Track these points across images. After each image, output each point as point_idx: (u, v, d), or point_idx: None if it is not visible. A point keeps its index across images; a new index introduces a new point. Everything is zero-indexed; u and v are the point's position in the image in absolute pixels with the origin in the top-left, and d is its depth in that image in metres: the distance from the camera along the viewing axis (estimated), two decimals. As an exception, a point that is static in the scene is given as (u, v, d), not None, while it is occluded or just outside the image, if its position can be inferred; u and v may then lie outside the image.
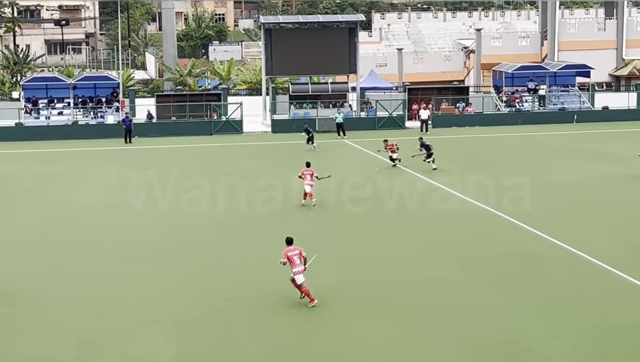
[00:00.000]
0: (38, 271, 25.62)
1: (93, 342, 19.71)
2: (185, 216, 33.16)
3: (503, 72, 70.34)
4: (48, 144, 55.85)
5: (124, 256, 27.38)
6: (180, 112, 64.06)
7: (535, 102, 69.12)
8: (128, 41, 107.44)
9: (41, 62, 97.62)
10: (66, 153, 51.60)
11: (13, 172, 44.93)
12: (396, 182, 40.19)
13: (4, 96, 74.53)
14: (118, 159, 49.82)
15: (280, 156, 50.42)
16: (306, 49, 64.34)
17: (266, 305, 22.22)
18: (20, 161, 49.24)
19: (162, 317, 21.38)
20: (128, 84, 76.86)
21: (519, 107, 68.22)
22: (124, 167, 45.80)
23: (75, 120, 63.46)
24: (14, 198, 37.66)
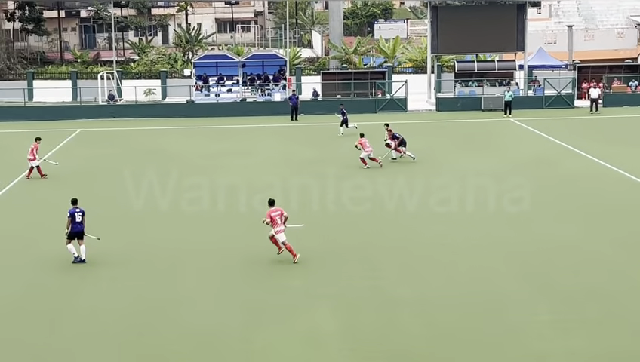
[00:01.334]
0: (202, 244, 26.32)
1: (259, 314, 20.11)
2: (346, 194, 33.33)
3: (679, 50, 67.18)
4: (217, 120, 57.18)
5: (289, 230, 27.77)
6: (344, 90, 64.42)
7: None
8: (295, 19, 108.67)
9: (211, 40, 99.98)
10: (234, 130, 52.75)
11: (183, 148, 46.23)
12: (565, 163, 39.24)
13: (176, 74, 76.80)
14: (285, 136, 50.54)
15: (445, 135, 49.93)
16: (473, 26, 63.41)
17: (433, 284, 22.14)
18: (191, 136, 50.63)
19: (327, 292, 21.60)
20: (295, 62, 77.80)
21: (696, 86, 65.14)
22: (290, 144, 46.47)
23: (244, 97, 64.79)
24: (185, 173, 38.68)
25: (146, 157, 42.99)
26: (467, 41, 63.98)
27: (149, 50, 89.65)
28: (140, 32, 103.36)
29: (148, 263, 24.42)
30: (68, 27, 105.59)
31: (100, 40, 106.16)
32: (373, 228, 28.05)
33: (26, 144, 39.22)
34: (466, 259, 24.31)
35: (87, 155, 43.80)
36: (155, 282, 22.69)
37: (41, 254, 25.29)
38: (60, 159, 40.81)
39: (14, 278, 23.27)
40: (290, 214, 24.95)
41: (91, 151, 45.39)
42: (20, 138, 48.33)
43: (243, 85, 65.94)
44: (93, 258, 24.45)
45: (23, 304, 21.10)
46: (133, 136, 50.93)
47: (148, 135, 51.35)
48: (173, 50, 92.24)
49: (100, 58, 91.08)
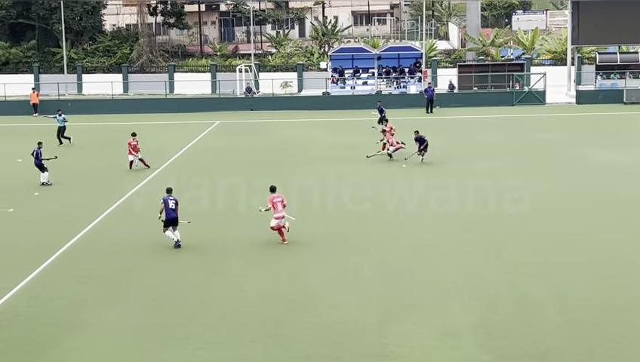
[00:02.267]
0: (329, 233, 26.43)
1: (393, 308, 20.06)
2: (473, 190, 32.92)
3: None
4: (352, 113, 57.32)
5: (422, 224, 27.61)
6: (481, 83, 63.68)
7: None
8: (432, 11, 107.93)
9: (347, 33, 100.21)
10: (368, 122, 52.74)
11: (318, 138, 46.54)
12: None
13: (312, 67, 77.41)
14: (419, 129, 50.21)
15: (584, 129, 48.74)
16: (616, 17, 61.64)
17: (570, 280, 21.64)
18: (326, 128, 50.92)
19: (462, 287, 21.37)
20: (431, 55, 77.28)
21: None
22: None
23: (379, 90, 64.78)
24: (299, 164, 38.91)
25: (284, 148, 43.49)
26: (610, 33, 62.26)
27: (286, 43, 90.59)
28: (277, 25, 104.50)
29: (283, 256, 24.69)
30: (208, 21, 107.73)
31: (239, 33, 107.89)
32: (510, 222, 27.58)
33: (167, 135, 40.27)
34: (606, 257, 23.64)
35: (225, 146, 44.60)
36: (290, 274, 22.90)
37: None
38: (199, 150, 41.72)
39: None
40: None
41: (229, 141, 46.21)
42: (161, 129, 49.70)
43: (378, 78, 65.95)
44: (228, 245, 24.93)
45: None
46: (271, 128, 51.57)
47: (284, 127, 51.90)
48: (309, 43, 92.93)
49: (239, 51, 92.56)
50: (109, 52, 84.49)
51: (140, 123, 54.87)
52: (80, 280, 22.32)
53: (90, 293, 21.27)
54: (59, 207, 31.23)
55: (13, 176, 37.33)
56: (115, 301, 20.67)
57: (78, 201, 32.18)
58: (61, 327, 18.98)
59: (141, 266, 23.69)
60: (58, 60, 79.58)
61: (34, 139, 37.65)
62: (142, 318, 19.59)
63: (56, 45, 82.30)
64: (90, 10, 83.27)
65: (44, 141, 37.35)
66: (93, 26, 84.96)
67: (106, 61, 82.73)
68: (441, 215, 28.70)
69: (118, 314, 19.75)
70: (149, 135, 49.08)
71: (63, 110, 48.31)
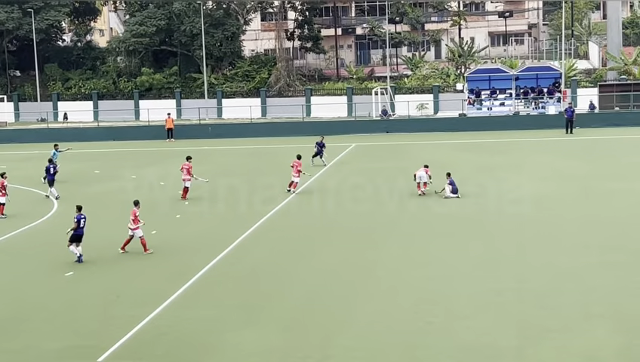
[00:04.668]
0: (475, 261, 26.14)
1: (533, 332, 19.64)
2: (619, 210, 31.98)
3: None
4: (489, 134, 56.70)
5: (563, 247, 27.02)
6: (623, 102, 62.09)
7: None
8: (571, 30, 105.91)
9: (484, 54, 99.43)
10: (505, 143, 52.09)
11: (454, 160, 46.20)
12: None
13: (448, 88, 77.01)
14: (558, 150, 49.32)
15: None
16: None
17: None
18: (462, 150, 50.52)
19: (605, 310, 20.76)
20: (570, 75, 75.80)
21: None
22: (563, 158, 45.31)
23: (517, 110, 63.91)
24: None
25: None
26: None
27: (422, 65, 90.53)
28: (413, 47, 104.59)
29: (426, 279, 24.56)
30: (344, 44, 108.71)
31: (375, 56, 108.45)
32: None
33: (306, 157, 40.64)
34: None
35: (362, 168, 44.78)
36: (428, 294, 22.75)
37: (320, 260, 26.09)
38: (336, 172, 42.02)
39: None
40: (551, 227, 24.01)
41: (366, 164, 46.37)
42: (298, 151, 50.33)
43: (516, 98, 65.06)
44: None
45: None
46: (408, 150, 51.50)
47: (421, 149, 51.74)
48: (445, 64, 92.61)
49: (375, 74, 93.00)
50: (247, 77, 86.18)
51: (278, 146, 55.80)
52: (219, 303, 22.72)
53: (229, 315, 21.61)
54: (201, 229, 31.95)
55: (157, 198, 38.42)
56: (253, 323, 20.94)
57: (217, 224, 32.84)
58: (201, 348, 19.35)
59: (278, 288, 23.94)
60: (199, 85, 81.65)
61: (170, 163, 38.57)
62: (280, 339, 19.76)
63: (197, 71, 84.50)
64: (229, 36, 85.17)
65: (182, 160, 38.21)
66: (233, 52, 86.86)
67: (244, 85, 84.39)
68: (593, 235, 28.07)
69: (256, 336, 19.99)
70: (285, 156, 49.88)
71: (202, 134, 49.34)
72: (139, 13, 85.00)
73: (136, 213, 27.74)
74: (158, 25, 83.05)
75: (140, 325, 20.82)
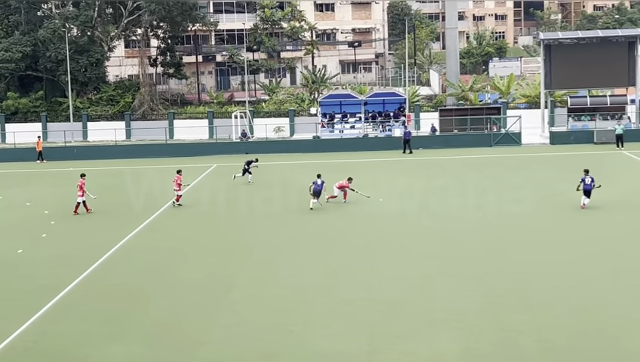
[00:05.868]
0: (331, 272, 26.38)
1: (383, 338, 19.98)
2: (461, 223, 32.96)
3: None
4: (341, 155, 57.46)
5: (410, 258, 27.59)
6: (461, 125, 63.96)
7: None
8: (414, 59, 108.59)
9: (335, 80, 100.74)
10: (355, 163, 52.80)
11: (310, 179, 46.56)
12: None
13: (303, 112, 77.68)
14: (402, 169, 50.40)
15: (557, 167, 48.92)
16: (585, 63, 62.25)
17: (550, 312, 21.60)
18: (317, 170, 50.90)
19: (447, 317, 21.32)
20: (414, 100, 77.63)
21: None
22: (407, 176, 46.37)
23: (366, 133, 65.01)
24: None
25: (275, 189, 43.59)
26: (579, 77, 62.80)
27: (279, 90, 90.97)
28: (270, 74, 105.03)
29: (286, 288, 24.60)
30: (205, 70, 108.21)
31: (234, 82, 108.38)
32: (488, 256, 27.59)
33: (167, 178, 40.28)
34: (579, 282, 23.65)
35: (222, 188, 44.62)
36: (289, 304, 22.81)
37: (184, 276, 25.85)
38: (198, 191, 41.75)
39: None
40: (396, 242, 24.56)
41: (228, 184, 46.25)
42: (162, 172, 49.69)
43: (365, 122, 66.22)
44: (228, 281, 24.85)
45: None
46: (265, 170, 51.63)
47: (278, 168, 51.96)
48: (300, 90, 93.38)
49: (234, 98, 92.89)
50: (112, 101, 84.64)
51: (142, 167, 55.01)
52: (86, 317, 22.19)
53: (96, 330, 21.14)
54: (67, 246, 31.13)
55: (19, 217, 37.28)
56: (119, 337, 20.54)
57: (85, 241, 32.09)
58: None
59: (144, 302, 23.57)
60: (64, 109, 79.69)
61: (40, 184, 37.57)
62: (144, 353, 19.48)
63: (62, 95, 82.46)
64: (94, 62, 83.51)
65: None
66: (98, 77, 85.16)
67: (109, 109, 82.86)
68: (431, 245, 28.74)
69: (122, 350, 19.62)
70: (151, 178, 49.23)
71: (69, 156, 48.26)
72: (4, 39, 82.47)
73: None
74: (23, 51, 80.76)
75: (6, 341, 20.14)
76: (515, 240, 29.78)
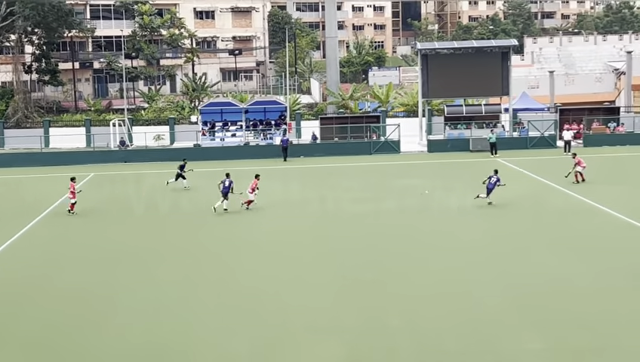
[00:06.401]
0: (210, 280, 26.28)
1: (265, 348, 19.99)
2: (340, 231, 33.35)
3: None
4: (222, 163, 57.21)
5: (288, 264, 27.74)
6: (341, 133, 64.69)
7: (687, 121, 66.24)
8: (295, 68, 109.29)
9: (216, 88, 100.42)
10: (237, 171, 52.65)
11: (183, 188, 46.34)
12: (547, 198, 39.30)
13: (183, 120, 77.08)
14: (283, 176, 50.61)
15: (436, 174, 50.02)
16: (461, 73, 63.82)
17: (424, 312, 22.05)
18: (197, 179, 50.65)
19: (328, 325, 21.50)
20: (295, 108, 78.10)
21: (671, 126, 65.52)
22: (287, 183, 46.63)
23: (247, 141, 65.00)
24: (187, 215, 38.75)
25: (157, 197, 43.09)
26: (456, 87, 64.33)
27: (158, 98, 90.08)
28: (149, 81, 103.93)
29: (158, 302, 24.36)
30: (82, 78, 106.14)
31: (112, 89, 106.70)
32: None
33: (42, 187, 39.32)
34: (458, 288, 24.24)
35: (100, 198, 43.81)
36: (164, 318, 22.61)
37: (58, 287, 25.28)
38: (84, 199, 40.93)
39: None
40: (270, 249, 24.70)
41: (103, 193, 45.47)
42: (37, 181, 48.44)
43: (246, 130, 66.20)
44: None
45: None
46: (145, 178, 51.04)
47: (158, 177, 51.36)
48: (180, 98, 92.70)
49: (112, 106, 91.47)
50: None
51: (16, 176, 53.49)
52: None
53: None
54: None
55: None
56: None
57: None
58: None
59: (18, 313, 22.94)
60: None
61: None
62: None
63: None
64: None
65: None
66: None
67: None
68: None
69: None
70: (27, 187, 47.92)
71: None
72: None
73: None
74: None
75: None
76: (394, 248, 30.25)
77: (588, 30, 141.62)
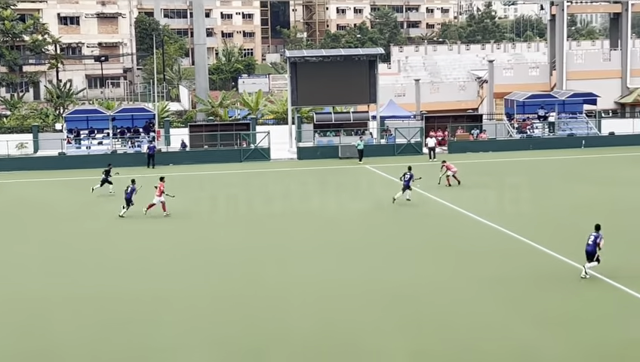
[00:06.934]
0: (69, 289, 25.81)
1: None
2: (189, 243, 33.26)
3: (514, 101, 70.32)
4: (88, 172, 56.02)
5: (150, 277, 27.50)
6: (211, 141, 64.42)
7: (545, 128, 69.02)
8: (163, 75, 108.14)
9: (82, 95, 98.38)
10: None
11: (54, 199, 45.27)
12: (413, 203, 40.23)
13: (48, 128, 75.14)
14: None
15: (306, 181, 50.44)
16: (329, 81, 64.53)
17: (296, 316, 22.22)
18: (62, 188, 49.57)
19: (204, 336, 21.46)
20: (163, 116, 77.25)
21: (530, 133, 68.14)
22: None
23: (114, 149, 63.90)
24: (48, 223, 37.90)
25: (15, 209, 41.90)
26: (324, 94, 65.01)
27: (21, 105, 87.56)
28: (11, 88, 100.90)
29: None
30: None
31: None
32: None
33: None
34: (302, 294, 24.55)
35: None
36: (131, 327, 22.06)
37: None
38: None
39: None
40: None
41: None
42: None
43: (114, 138, 65.08)
44: None
45: None
46: (5, 189, 49.53)
47: (19, 187, 49.99)
48: (44, 105, 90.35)
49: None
50: None
51: None
52: None
53: None
54: None
55: None
56: None
57: None
58: None
59: None
60: None
61: None
62: None
63: None
64: None
65: None
66: None
67: None
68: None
69: None
70: None
71: None
72: None
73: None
74: None
75: None
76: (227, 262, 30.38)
77: (452, 39, 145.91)
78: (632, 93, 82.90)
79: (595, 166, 54.58)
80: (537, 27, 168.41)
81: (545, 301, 23.53)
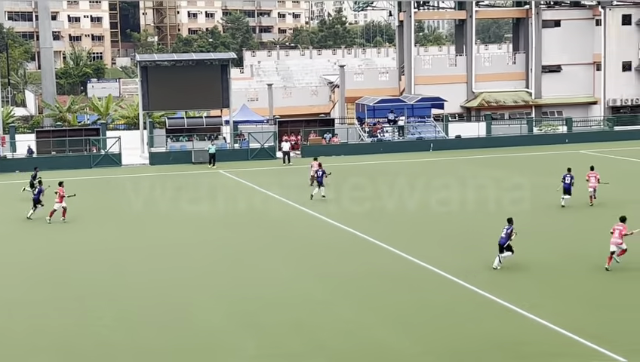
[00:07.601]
0: None
1: None
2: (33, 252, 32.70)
3: (365, 105, 71.86)
4: None
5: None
6: (59, 147, 62.89)
7: (395, 132, 70.79)
8: (8, 79, 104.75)
9: None
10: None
11: None
12: (267, 207, 40.61)
13: None
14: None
15: (157, 188, 50.07)
16: (181, 85, 64.19)
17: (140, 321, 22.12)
18: None
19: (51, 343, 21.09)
20: (8, 121, 74.88)
21: (381, 137, 69.75)
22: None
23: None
24: None
25: None
26: (176, 99, 64.64)
27: None
28: None
29: None
30: None
31: None
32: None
33: None
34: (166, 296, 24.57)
35: None
36: None
37: None
38: None
39: None
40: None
41: None
42: None
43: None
44: None
45: None
46: None
47: None
48: None
49: None
50: None
51: None
52: None
53: None
54: None
55: None
56: None
57: None
58: None
59: None
60: None
61: None
62: None
63: None
64: None
65: None
66: None
67: None
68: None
69: None
70: None
71: None
72: None
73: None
74: None
75: None
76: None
77: (304, 44, 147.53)
78: (477, 98, 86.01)
79: (439, 168, 56.40)
80: (387, 33, 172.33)
81: (392, 297, 24.27)
